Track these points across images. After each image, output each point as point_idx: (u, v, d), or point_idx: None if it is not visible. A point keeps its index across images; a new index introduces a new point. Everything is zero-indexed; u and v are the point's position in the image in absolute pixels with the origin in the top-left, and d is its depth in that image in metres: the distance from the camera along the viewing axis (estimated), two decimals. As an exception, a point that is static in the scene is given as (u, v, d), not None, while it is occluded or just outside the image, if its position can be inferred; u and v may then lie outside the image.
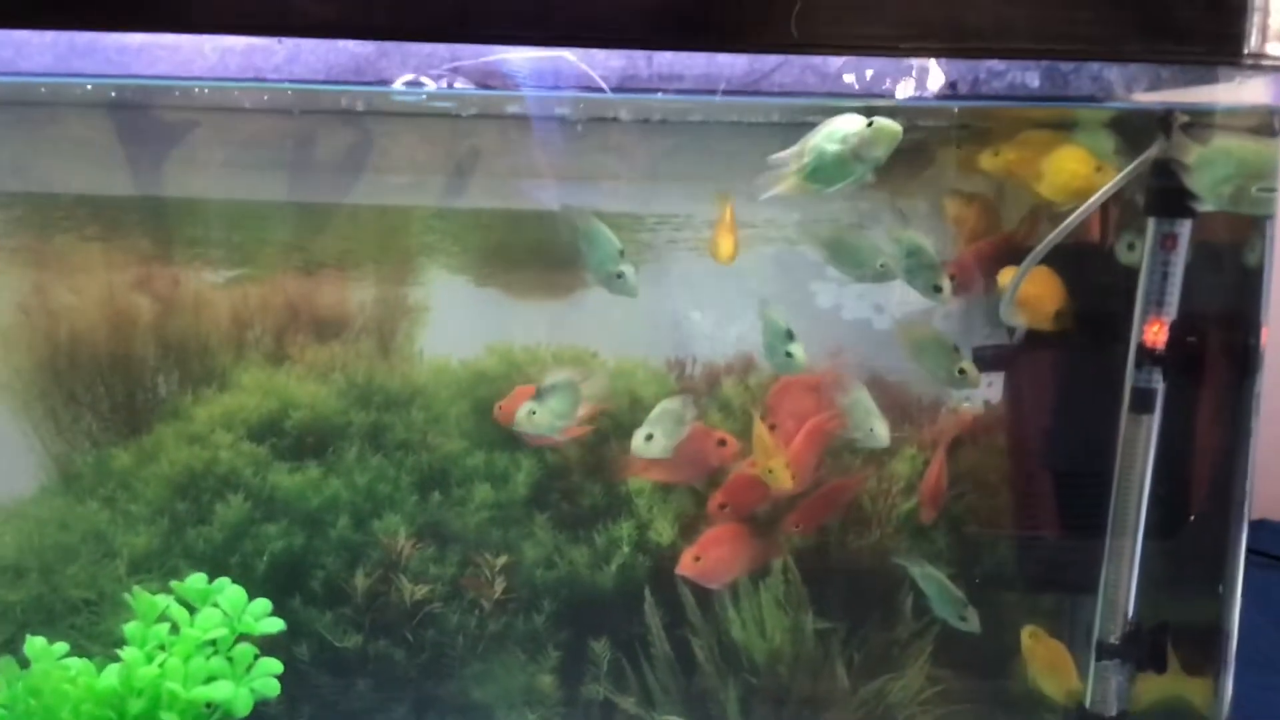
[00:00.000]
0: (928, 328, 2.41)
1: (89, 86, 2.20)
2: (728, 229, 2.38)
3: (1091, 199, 2.17)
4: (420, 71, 1.99)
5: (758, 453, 2.48)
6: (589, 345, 2.56)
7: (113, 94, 2.34)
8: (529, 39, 1.73)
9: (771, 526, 2.65)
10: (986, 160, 2.37)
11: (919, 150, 2.45)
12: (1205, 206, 2.14)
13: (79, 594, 2.65)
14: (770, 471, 2.46)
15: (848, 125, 1.94)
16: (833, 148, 1.94)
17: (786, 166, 2.00)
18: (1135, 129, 2.14)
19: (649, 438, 2.41)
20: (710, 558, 2.57)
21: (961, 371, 2.35)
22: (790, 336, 2.35)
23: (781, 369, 2.44)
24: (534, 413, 2.42)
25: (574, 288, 2.67)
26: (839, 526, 2.72)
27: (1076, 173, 2.22)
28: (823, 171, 1.98)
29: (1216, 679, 2.23)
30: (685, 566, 2.57)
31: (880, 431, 2.47)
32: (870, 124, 1.93)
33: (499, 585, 2.71)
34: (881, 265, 2.44)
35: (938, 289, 2.31)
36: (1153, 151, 2.11)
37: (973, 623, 2.55)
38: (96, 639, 2.58)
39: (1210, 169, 2.05)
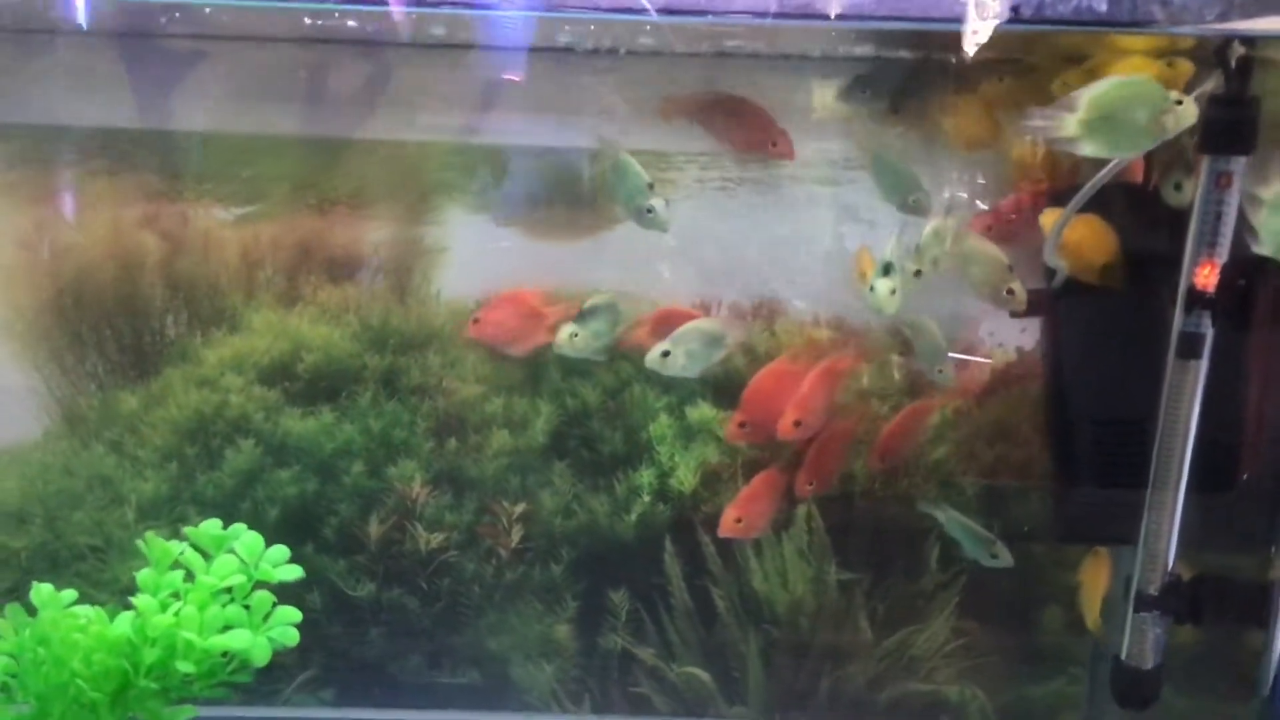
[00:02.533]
0: (983, 240, 2.31)
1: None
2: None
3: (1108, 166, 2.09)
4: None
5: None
6: (613, 287, 2.46)
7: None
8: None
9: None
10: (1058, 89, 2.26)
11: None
12: (1262, 250, 2.06)
13: (85, 540, 2.59)
14: None
15: (1147, 94, 1.86)
16: (1124, 115, 1.86)
17: (1058, 118, 1.92)
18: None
19: (665, 354, 2.33)
20: (751, 514, 2.51)
21: (1010, 291, 2.26)
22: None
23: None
24: (575, 335, 2.36)
25: (598, 227, 2.58)
26: (863, 475, 2.66)
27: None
28: (1105, 134, 1.90)
29: (1266, 635, 2.18)
30: (727, 528, 2.52)
31: (949, 372, 2.47)
32: (1179, 102, 1.87)
33: (516, 534, 2.67)
34: (913, 200, 2.36)
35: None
36: (1209, 85, 2.02)
37: (1004, 558, 2.50)
38: (103, 586, 2.53)
39: None
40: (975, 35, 1.80)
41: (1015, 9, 1.77)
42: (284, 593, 2.01)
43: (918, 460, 2.65)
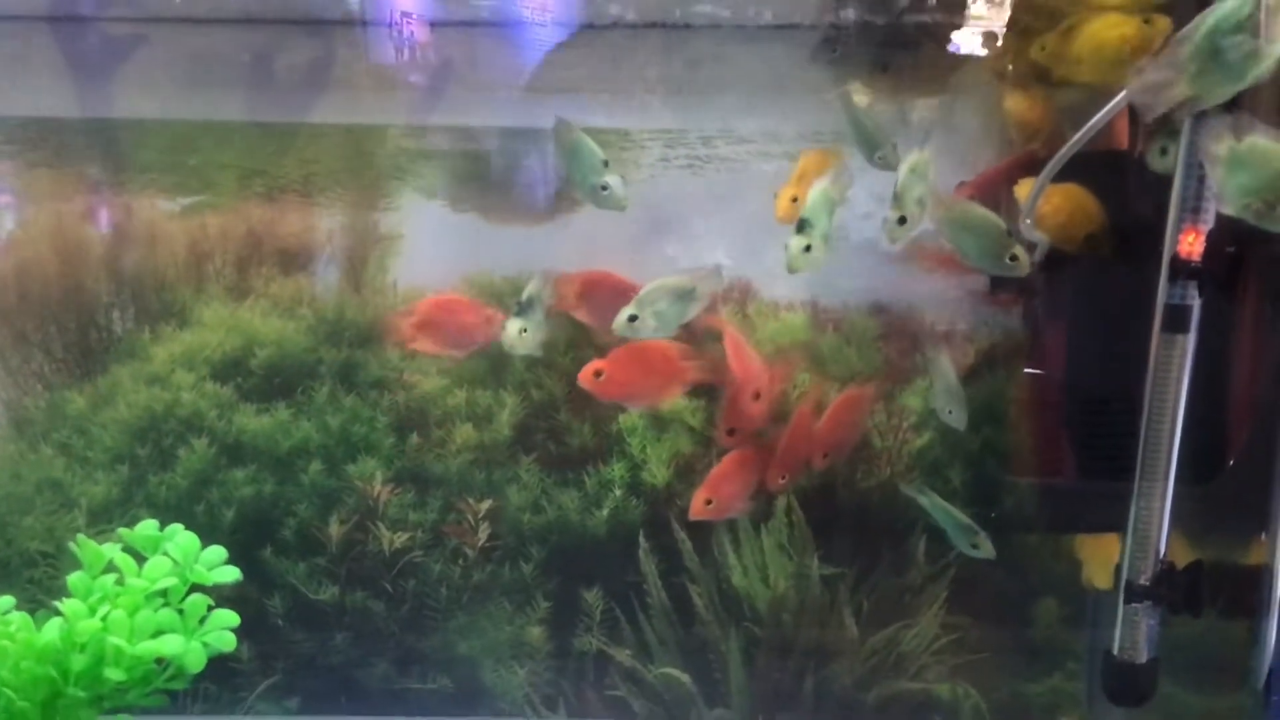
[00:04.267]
0: (976, 205, 2.13)
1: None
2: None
3: (1114, 100, 1.96)
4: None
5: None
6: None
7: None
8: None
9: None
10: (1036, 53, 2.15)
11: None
12: (1226, 210, 1.90)
13: (36, 546, 2.52)
14: None
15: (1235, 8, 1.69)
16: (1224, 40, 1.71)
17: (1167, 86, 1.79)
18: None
19: (632, 318, 2.16)
20: (721, 496, 2.40)
21: (1013, 258, 2.09)
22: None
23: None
24: (524, 330, 2.25)
25: (558, 210, 2.49)
26: (846, 465, 2.56)
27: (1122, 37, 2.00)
28: (1212, 74, 1.74)
29: (1258, 625, 2.06)
30: (698, 511, 2.40)
31: (960, 416, 2.33)
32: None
33: (483, 532, 2.58)
34: (879, 157, 2.24)
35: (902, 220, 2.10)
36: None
37: (986, 549, 2.38)
38: (56, 593, 2.43)
39: (1241, 172, 1.81)
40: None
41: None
42: (243, 598, 1.93)
43: (900, 450, 2.55)
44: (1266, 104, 1.86)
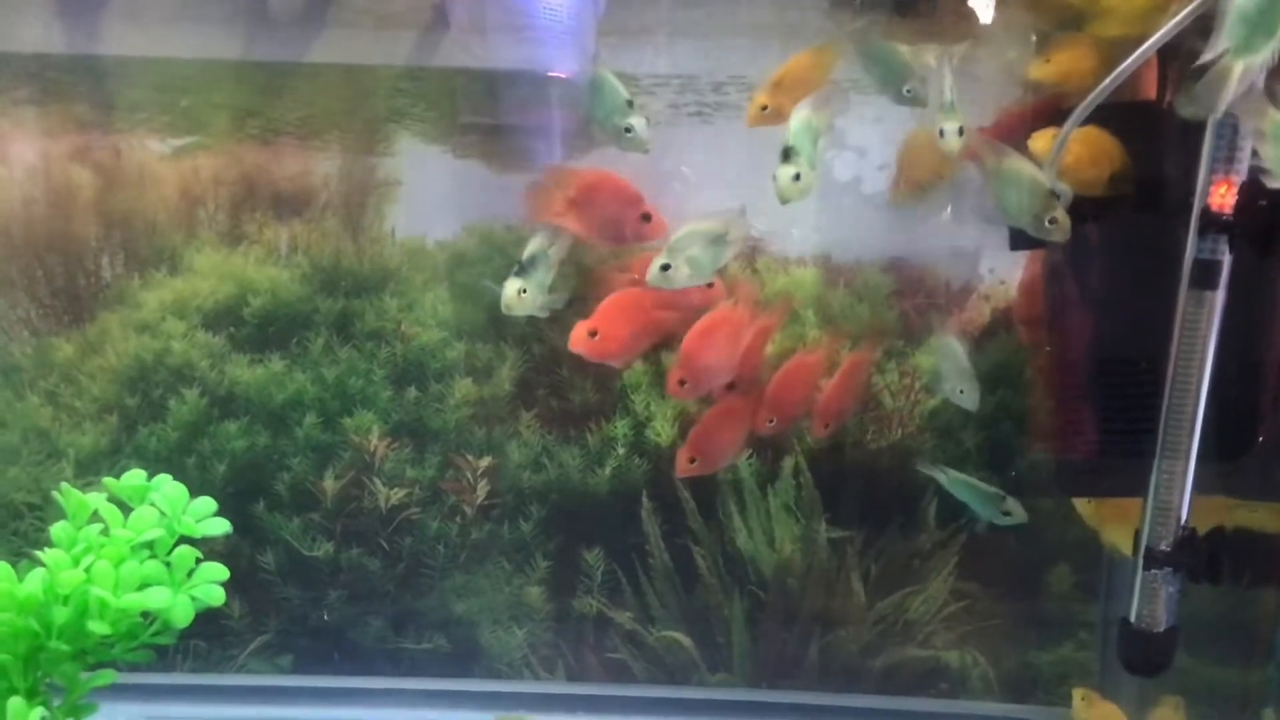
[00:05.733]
0: (1026, 161, 2.06)
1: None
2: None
3: (1148, 43, 1.87)
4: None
5: None
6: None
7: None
8: None
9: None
10: None
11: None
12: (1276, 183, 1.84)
13: (21, 498, 2.46)
14: None
15: None
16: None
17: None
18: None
19: (665, 267, 2.10)
20: (706, 453, 2.34)
21: (1053, 220, 2.03)
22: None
23: None
24: (523, 291, 2.18)
25: (564, 158, 2.39)
26: (856, 425, 2.49)
27: None
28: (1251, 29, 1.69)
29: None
30: (683, 470, 2.35)
31: (972, 396, 2.31)
32: None
33: (482, 489, 2.52)
34: (908, 90, 2.18)
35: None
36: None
37: (1018, 514, 2.34)
38: (42, 546, 2.38)
39: None
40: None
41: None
42: (235, 554, 1.87)
43: (912, 410, 2.48)
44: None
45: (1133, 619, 2.09)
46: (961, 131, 2.13)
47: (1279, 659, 2.01)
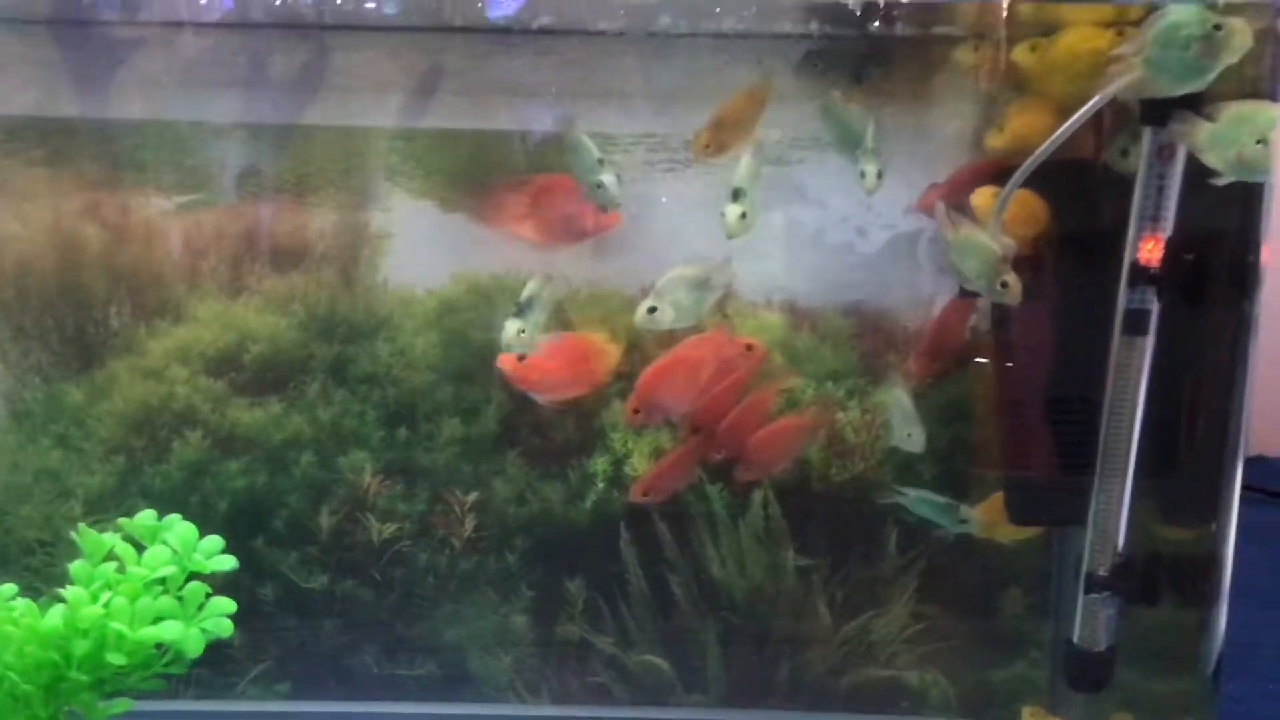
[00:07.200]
0: (975, 228, 2.20)
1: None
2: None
3: (1079, 111, 2.04)
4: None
5: None
6: (560, 272, 2.43)
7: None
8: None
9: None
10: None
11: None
12: (1222, 181, 2.01)
13: (33, 535, 2.57)
14: None
15: (1188, 21, 1.83)
16: (1172, 52, 1.84)
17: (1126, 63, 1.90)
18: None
19: (651, 310, 2.24)
20: (658, 490, 2.51)
21: (1004, 284, 2.16)
22: None
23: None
24: (522, 331, 2.31)
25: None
26: (821, 460, 2.63)
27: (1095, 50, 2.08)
28: (1163, 72, 1.88)
29: (1208, 614, 2.15)
30: (637, 497, 2.52)
31: (918, 438, 2.44)
32: (1218, 28, 1.81)
33: (469, 523, 2.63)
34: (866, 149, 2.34)
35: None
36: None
37: (973, 520, 2.49)
38: (54, 581, 2.48)
39: (1224, 140, 1.93)
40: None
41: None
42: (236, 587, 1.99)
43: (872, 445, 2.62)
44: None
45: (1075, 639, 2.25)
46: (880, 175, 2.30)
47: (1202, 672, 2.17)
